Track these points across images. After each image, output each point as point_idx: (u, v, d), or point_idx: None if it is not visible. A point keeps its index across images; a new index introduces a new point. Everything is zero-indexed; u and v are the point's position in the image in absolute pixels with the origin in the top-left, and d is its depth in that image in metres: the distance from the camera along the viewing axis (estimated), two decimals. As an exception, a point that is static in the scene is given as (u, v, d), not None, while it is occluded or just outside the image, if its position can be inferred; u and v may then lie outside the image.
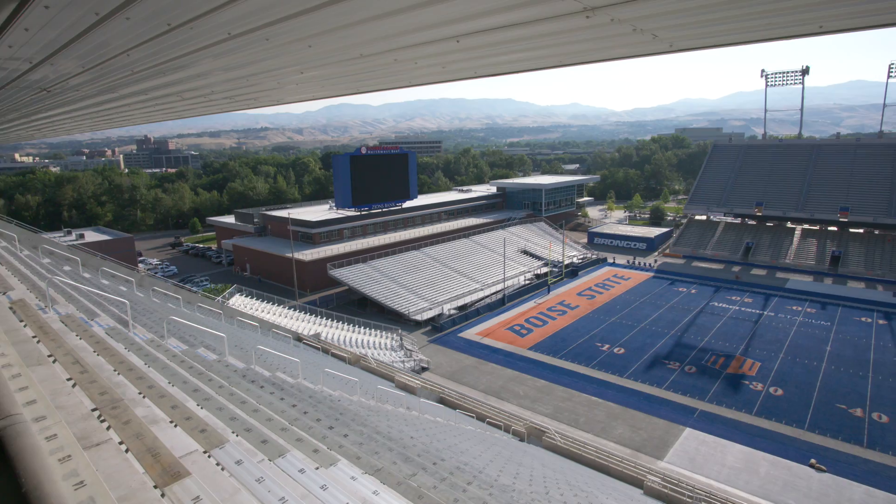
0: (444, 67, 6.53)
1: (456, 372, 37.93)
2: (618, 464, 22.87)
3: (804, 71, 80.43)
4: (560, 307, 52.58)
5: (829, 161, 78.35)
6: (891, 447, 28.09)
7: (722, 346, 42.34)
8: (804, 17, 4.04)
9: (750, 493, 24.27)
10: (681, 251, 74.97)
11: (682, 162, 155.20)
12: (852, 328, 46.35)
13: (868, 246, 67.00)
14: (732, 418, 31.26)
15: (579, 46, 5.15)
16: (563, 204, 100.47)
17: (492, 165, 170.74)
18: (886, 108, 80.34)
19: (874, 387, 35.11)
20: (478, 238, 69.89)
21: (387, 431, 11.80)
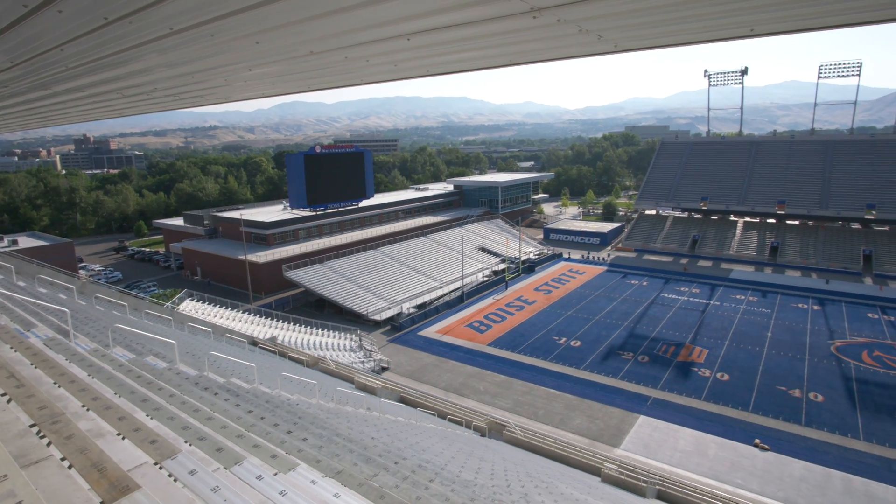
0: (396, 65, 6.51)
1: (416, 370, 37.92)
2: (576, 453, 23.46)
3: (743, 71, 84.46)
4: (518, 302, 53.36)
5: (767, 157, 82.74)
6: (826, 424, 29.98)
7: (672, 335, 44.04)
8: (736, 20, 4.28)
9: (700, 475, 25.37)
10: (632, 245, 77.44)
11: (633, 159, 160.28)
12: (790, 314, 49.14)
13: (803, 236, 71.17)
14: (683, 404, 32.58)
15: (528, 46, 5.25)
16: (520, 201, 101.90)
17: (448, 163, 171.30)
18: (817, 107, 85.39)
19: (810, 368, 37.38)
20: (436, 236, 69.99)
21: (347, 433, 11.68)
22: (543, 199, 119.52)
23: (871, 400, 32.72)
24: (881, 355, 39.54)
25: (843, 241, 68.56)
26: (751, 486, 24.58)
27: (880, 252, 64.66)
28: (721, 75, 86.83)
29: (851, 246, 67.06)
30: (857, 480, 25.01)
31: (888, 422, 30.15)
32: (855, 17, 4.07)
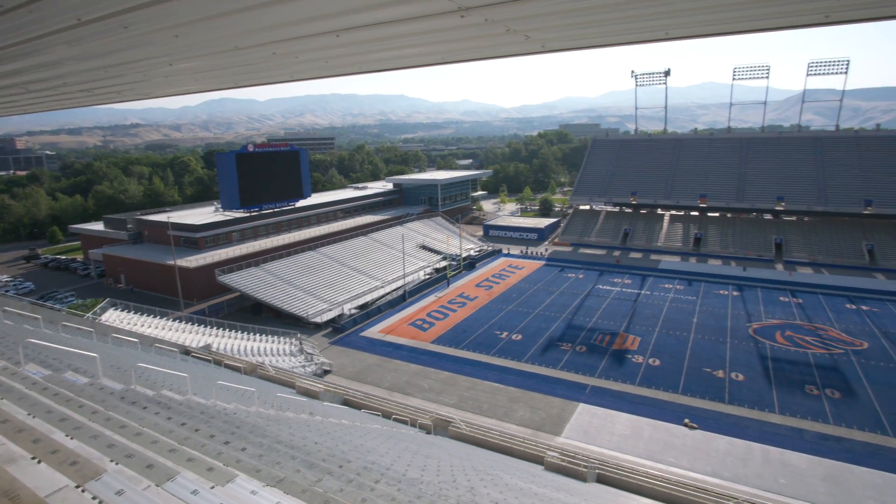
0: (326, 62, 6.38)
1: (360, 372, 37.47)
2: (520, 444, 24.01)
3: (666, 73, 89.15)
4: (460, 299, 53.87)
5: (689, 154, 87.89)
6: (746, 401, 32.29)
7: (607, 325, 45.94)
8: (652, 24, 4.54)
9: (637, 456, 26.65)
10: (568, 239, 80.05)
11: (567, 156, 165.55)
12: (713, 301, 52.52)
13: (723, 227, 76.21)
14: (619, 390, 34.09)
15: (459, 45, 5.30)
16: (459, 198, 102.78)
17: (387, 162, 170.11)
18: (732, 107, 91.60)
19: (732, 350, 40.13)
20: (376, 235, 69.37)
21: (289, 440, 11.38)
22: (482, 197, 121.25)
23: (784, 376, 35.57)
24: (792, 335, 43.05)
25: (758, 231, 74.03)
26: (682, 464, 26.09)
27: (789, 240, 70.33)
28: (647, 76, 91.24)
29: (764, 235, 72.52)
30: (774, 451, 27.12)
31: (799, 395, 32.89)
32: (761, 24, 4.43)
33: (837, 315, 47.85)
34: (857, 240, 67.72)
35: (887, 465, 25.86)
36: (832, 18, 3.94)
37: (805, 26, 4.22)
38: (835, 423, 29.69)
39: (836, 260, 65.14)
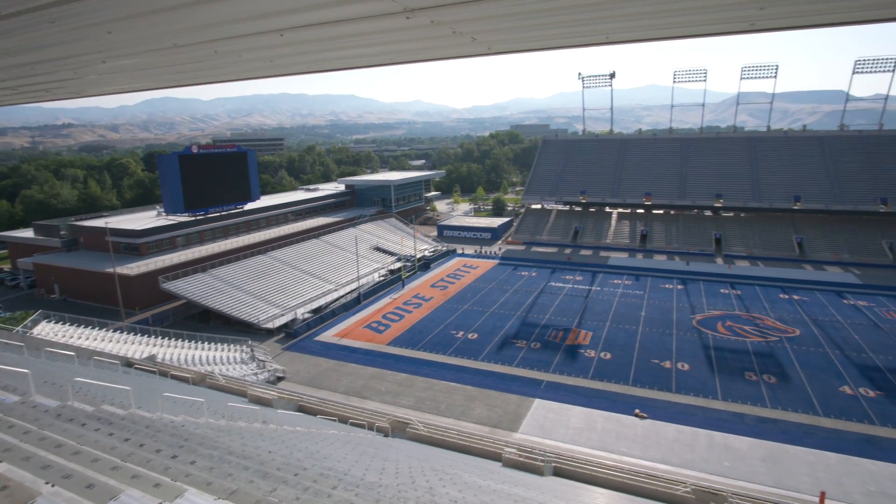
0: (271, 62, 6.23)
1: (315, 377, 36.78)
2: (478, 442, 24.22)
3: (611, 75, 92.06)
4: (415, 300, 53.77)
5: (634, 153, 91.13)
6: (692, 389, 33.78)
7: (560, 321, 46.99)
8: (594, 28, 4.70)
9: (591, 448, 27.39)
10: (521, 238, 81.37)
11: (518, 156, 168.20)
12: (659, 294, 54.65)
13: (667, 224, 79.44)
14: (573, 384, 34.93)
15: (406, 46, 5.30)
16: (412, 199, 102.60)
17: (339, 163, 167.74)
18: (674, 109, 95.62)
19: (677, 341, 41.89)
20: (329, 238, 68.28)
21: (241, 450, 11.03)
22: (436, 197, 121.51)
23: (726, 364, 37.44)
24: (732, 325, 45.38)
25: (699, 226, 77.60)
26: (634, 452, 27.01)
27: (728, 235, 74.09)
28: (593, 78, 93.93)
29: (705, 231, 76.10)
30: (718, 436, 28.49)
31: (739, 382, 34.70)
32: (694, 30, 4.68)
33: (772, 305, 50.80)
34: (788, 234, 72.13)
35: (819, 443, 27.67)
36: (757, 27, 4.21)
37: (733, 33, 4.49)
38: (772, 407, 31.49)
39: (770, 253, 69.14)
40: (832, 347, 40.25)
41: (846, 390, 33.38)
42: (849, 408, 31.21)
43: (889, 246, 66.07)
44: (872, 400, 32.07)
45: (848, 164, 76.60)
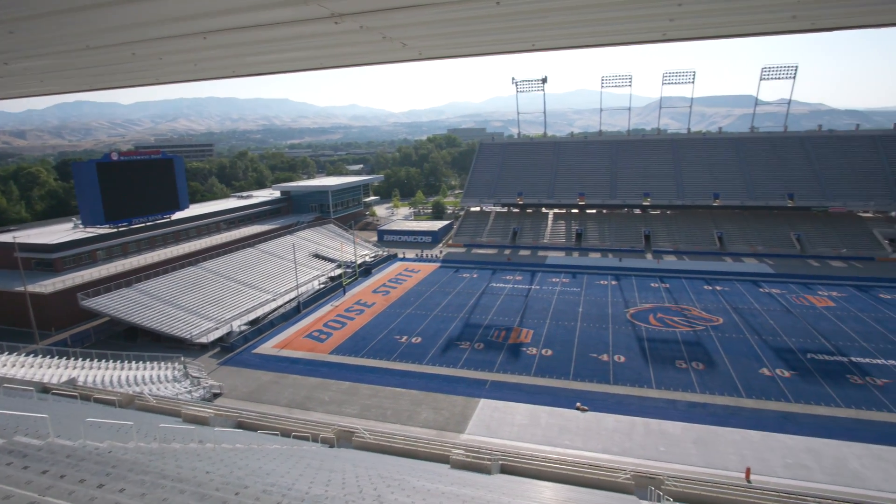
0: (195, 65, 5.96)
1: (254, 391, 35.45)
2: (425, 446, 24.18)
3: (543, 80, 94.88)
4: (357, 307, 53.05)
5: (567, 155, 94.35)
6: (628, 380, 35.31)
7: (503, 321, 47.82)
8: (521, 36, 4.85)
9: (536, 443, 28.02)
10: (461, 241, 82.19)
11: (456, 159, 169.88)
12: (595, 290, 56.80)
13: (600, 223, 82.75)
14: (517, 382, 35.62)
15: (336, 50, 5.23)
16: (351, 204, 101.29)
17: (273, 169, 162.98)
18: (602, 112, 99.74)
19: (613, 335, 43.68)
20: (264, 246, 66.12)
21: (175, 473, 10.46)
22: (375, 202, 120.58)
23: (658, 354, 39.44)
24: (663, 316, 47.86)
25: (629, 224, 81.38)
26: (576, 444, 27.90)
27: (656, 232, 78.15)
28: (526, 83, 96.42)
29: (635, 228, 79.90)
30: (654, 422, 29.94)
31: (671, 370, 36.64)
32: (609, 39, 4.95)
33: (698, 296, 54.04)
34: (709, 229, 77.03)
35: (743, 423, 29.69)
36: (669, 36, 4.52)
37: (647, 42, 4.79)
38: (700, 392, 33.46)
39: (693, 247, 73.55)
40: (751, 333, 43.32)
41: (765, 372, 36.03)
42: (768, 388, 33.69)
43: (797, 237, 71.99)
44: (787, 380, 34.80)
45: (759, 163, 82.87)
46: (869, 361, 37.22)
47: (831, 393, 32.78)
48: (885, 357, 37.84)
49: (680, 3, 3.98)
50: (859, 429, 28.79)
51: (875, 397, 32.12)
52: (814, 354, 38.68)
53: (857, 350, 39.24)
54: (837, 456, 26.30)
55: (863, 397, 32.14)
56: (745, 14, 4.32)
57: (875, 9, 4.65)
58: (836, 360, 37.70)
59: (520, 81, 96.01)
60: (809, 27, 4.89)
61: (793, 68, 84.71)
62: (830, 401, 31.87)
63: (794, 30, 4.94)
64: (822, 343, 40.83)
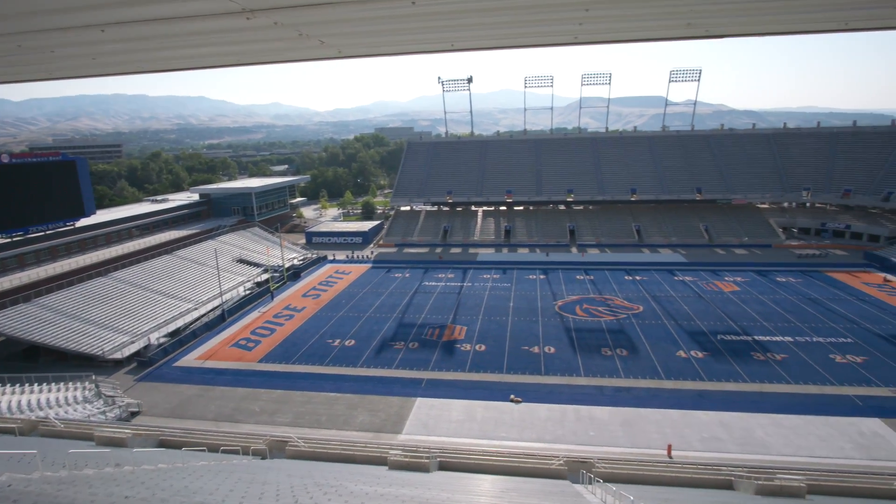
0: (93, 59, 5.49)
1: (177, 407, 33.44)
2: (362, 449, 23.87)
3: (469, 80, 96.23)
4: (287, 312, 51.41)
5: (494, 154, 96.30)
6: (558, 370, 36.64)
7: (436, 319, 48.08)
8: (439, 36, 4.89)
9: (473, 438, 28.46)
10: (392, 240, 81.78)
11: (384, 159, 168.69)
12: (525, 285, 58.43)
13: (527, 219, 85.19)
14: (452, 379, 35.96)
15: (250, 47, 5.02)
16: (277, 206, 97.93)
17: (190, 171, 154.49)
18: (526, 112, 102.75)
19: (543, 327, 45.14)
20: (183, 252, 62.52)
21: (89, 501, 9.66)
22: (302, 203, 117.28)
23: (585, 343, 41.22)
24: (588, 307, 50.06)
25: (555, 220, 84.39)
26: (512, 436, 28.61)
27: (580, 226, 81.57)
28: (452, 83, 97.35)
29: (560, 223, 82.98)
30: (583, 409, 31.27)
31: (597, 358, 38.42)
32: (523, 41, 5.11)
33: (619, 286, 56.99)
34: (628, 222, 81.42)
35: (663, 402, 31.69)
36: (580, 40, 4.74)
37: (559, 45, 5.00)
38: (625, 377, 35.34)
39: (615, 240, 77.47)
40: (668, 319, 46.29)
41: (681, 354, 38.63)
42: (684, 369, 36.16)
43: (705, 228, 77.69)
44: (701, 360, 37.52)
45: (670, 159, 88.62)
46: (769, 339, 40.90)
47: (739, 370, 35.71)
48: (783, 334, 41.73)
49: (587, 9, 4.20)
50: (763, 401, 31.57)
51: (776, 371, 35.35)
52: (723, 335, 41.95)
53: (759, 329, 42.99)
54: (745, 427, 28.69)
55: (765, 372, 35.28)
56: (646, 21, 4.63)
57: (762, 19, 5.14)
58: (741, 339, 41.11)
59: (446, 81, 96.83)
60: (704, 34, 5.32)
61: (697, 72, 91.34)
62: (738, 377, 34.71)
63: (690, 36, 5.36)
64: (730, 325, 44.38)
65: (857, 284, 54.90)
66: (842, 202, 77.80)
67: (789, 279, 57.57)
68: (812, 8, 5.05)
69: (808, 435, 27.80)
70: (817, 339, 40.50)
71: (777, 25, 5.38)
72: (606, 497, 16.52)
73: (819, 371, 35.16)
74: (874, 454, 25.95)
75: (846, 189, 76.74)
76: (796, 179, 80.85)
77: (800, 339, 40.58)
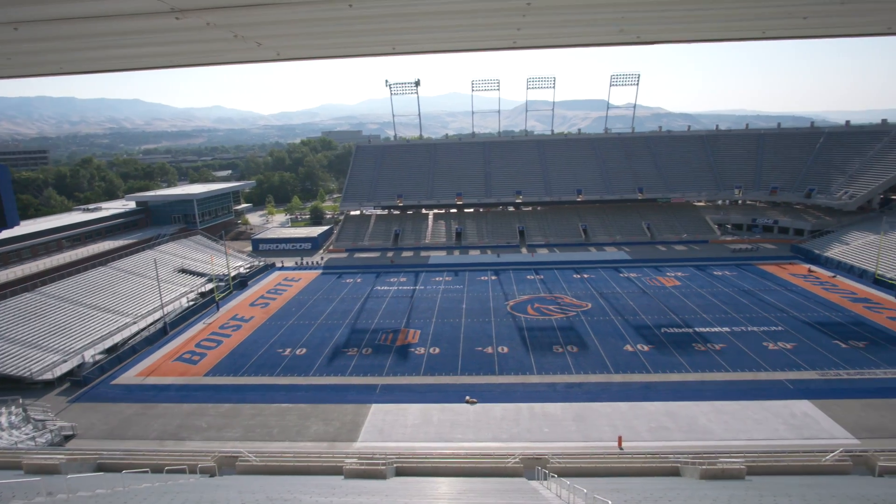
0: (8, 59, 5.05)
1: (116, 427, 31.60)
2: (317, 460, 23.36)
3: (416, 83, 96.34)
4: (234, 322, 49.67)
5: (443, 157, 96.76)
6: (512, 369, 37.13)
7: (389, 323, 47.72)
8: (380, 39, 4.85)
9: (429, 441, 28.37)
10: (343, 246, 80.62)
11: (333, 163, 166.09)
12: (477, 286, 58.93)
13: (478, 221, 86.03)
14: (407, 383, 35.76)
15: (181, 48, 4.78)
16: (221, 213, 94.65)
17: (126, 177, 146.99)
18: (475, 115, 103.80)
19: (496, 327, 45.65)
20: (120, 264, 59.29)
21: (15, 536, 8.96)
22: (247, 209, 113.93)
23: (538, 342, 41.99)
24: (539, 306, 51.05)
25: (504, 221, 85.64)
26: (468, 437, 28.73)
27: (529, 227, 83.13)
28: (399, 86, 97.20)
29: (510, 225, 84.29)
30: (537, 406, 31.82)
31: (549, 356, 39.22)
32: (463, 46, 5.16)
33: (568, 284, 58.45)
34: (575, 222, 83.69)
35: (613, 396, 32.70)
36: (518, 44, 4.84)
37: (499, 49, 5.09)
38: (576, 373, 36.23)
39: (562, 240, 79.43)
40: (615, 315, 47.85)
41: (629, 349, 40.01)
42: (631, 363, 37.47)
43: (647, 226, 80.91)
44: (647, 353, 38.99)
45: (613, 160, 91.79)
46: (709, 330, 43.01)
47: (682, 361, 37.35)
48: (721, 325, 44.00)
49: (524, 15, 4.28)
50: (705, 389, 33.15)
51: (715, 361, 37.21)
52: (666, 329, 43.77)
53: (699, 321, 45.14)
54: (689, 415, 30.03)
55: (706, 362, 37.07)
56: (581, 27, 4.79)
57: (687, 27, 5.45)
58: (684, 331, 43.02)
59: (393, 84, 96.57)
60: (635, 40, 5.57)
61: (636, 76, 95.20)
62: (682, 368, 36.30)
63: (623, 42, 5.60)
64: (673, 318, 46.36)
65: (785, 276, 58.66)
66: (770, 199, 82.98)
67: (725, 272, 60.79)
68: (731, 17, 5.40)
69: (745, 419, 29.39)
70: (752, 329, 42.95)
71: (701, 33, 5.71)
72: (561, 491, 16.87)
73: (754, 358, 37.28)
74: (805, 433, 27.75)
75: (773, 187, 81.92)
76: (729, 178, 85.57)
77: (736, 329, 42.90)
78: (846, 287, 53.79)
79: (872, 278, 54.35)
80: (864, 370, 34.96)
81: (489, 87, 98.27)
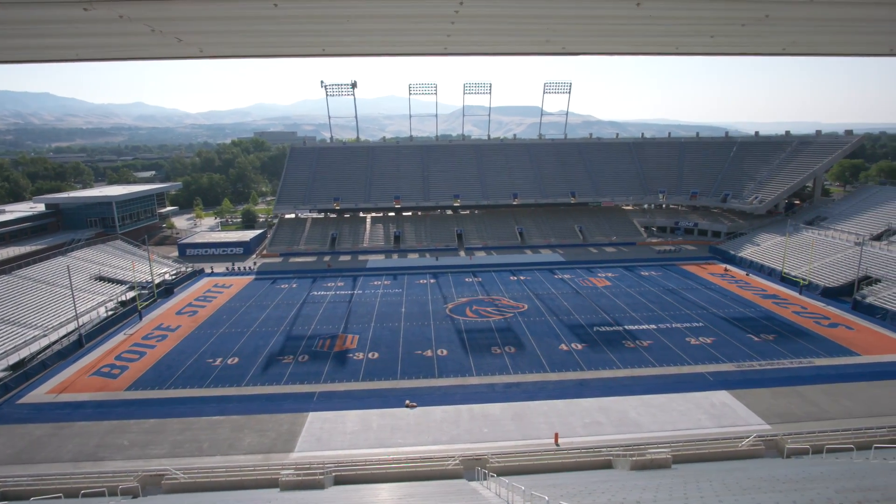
0: None
1: (23, 451, 28.94)
2: (251, 473, 22.49)
3: (353, 84, 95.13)
4: (159, 332, 46.88)
5: (381, 159, 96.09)
6: (451, 372, 37.37)
7: (327, 329, 46.72)
8: (309, 39, 4.76)
9: (369, 448, 27.99)
10: (277, 250, 78.14)
11: (266, 164, 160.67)
12: (416, 290, 58.88)
13: (416, 225, 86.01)
14: (346, 390, 35.13)
15: (95, 41, 4.45)
16: (143, 216, 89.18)
17: (34, 177, 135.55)
18: (412, 118, 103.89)
19: (435, 330, 45.78)
20: (27, 272, 54.46)
21: None
22: (173, 213, 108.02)
23: (476, 344, 42.50)
24: (478, 308, 51.71)
25: (443, 224, 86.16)
26: (409, 441, 28.59)
27: (467, 230, 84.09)
28: (336, 87, 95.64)
29: (448, 228, 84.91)
30: (477, 407, 32.18)
31: (488, 357, 39.80)
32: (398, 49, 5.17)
33: (505, 286, 59.62)
34: (511, 225, 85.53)
35: (549, 394, 33.65)
36: (450, 50, 4.91)
37: (430, 55, 5.15)
38: (514, 373, 36.98)
39: (499, 243, 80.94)
40: (551, 315, 49.30)
41: (563, 347, 41.33)
42: (567, 361, 38.72)
43: (579, 229, 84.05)
44: (580, 352, 40.43)
45: (547, 165, 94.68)
46: (637, 328, 45.23)
47: (613, 358, 39.03)
48: (648, 323, 46.40)
49: (453, 22, 4.34)
50: (634, 384, 34.81)
51: (643, 357, 39.17)
52: (598, 327, 45.61)
53: (628, 319, 47.36)
54: (621, 410, 31.41)
55: (635, 358, 38.94)
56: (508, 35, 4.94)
57: (609, 40, 5.77)
58: (614, 329, 45.00)
59: (329, 85, 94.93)
60: (561, 51, 5.82)
61: (568, 84, 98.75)
62: (613, 365, 37.93)
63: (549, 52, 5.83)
64: (604, 317, 48.37)
65: (705, 275, 62.75)
66: (690, 203, 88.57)
67: (651, 273, 64.18)
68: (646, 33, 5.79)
69: (671, 411, 31.13)
70: (675, 325, 45.59)
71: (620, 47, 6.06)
72: (500, 490, 17.16)
73: (678, 353, 39.59)
74: (723, 422, 29.76)
75: (693, 192, 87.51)
76: (654, 183, 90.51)
77: (661, 327, 45.38)
78: (757, 284, 58.31)
79: (780, 276, 59.26)
80: (773, 361, 38.00)
81: (427, 91, 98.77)
